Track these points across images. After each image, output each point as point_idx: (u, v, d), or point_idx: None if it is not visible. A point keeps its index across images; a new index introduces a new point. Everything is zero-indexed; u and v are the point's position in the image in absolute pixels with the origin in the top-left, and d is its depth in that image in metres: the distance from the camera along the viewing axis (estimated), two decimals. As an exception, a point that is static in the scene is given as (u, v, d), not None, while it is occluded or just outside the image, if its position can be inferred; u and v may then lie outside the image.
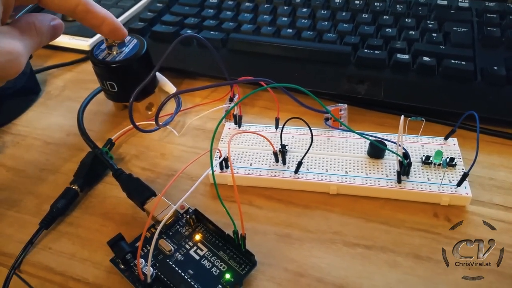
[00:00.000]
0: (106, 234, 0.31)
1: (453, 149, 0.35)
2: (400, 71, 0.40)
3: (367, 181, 0.32)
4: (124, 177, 0.33)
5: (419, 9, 0.47)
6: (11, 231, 0.32)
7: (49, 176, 0.36)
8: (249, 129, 0.38)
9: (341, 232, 0.30)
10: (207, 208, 0.31)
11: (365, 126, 0.38)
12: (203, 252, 0.29)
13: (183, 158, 0.37)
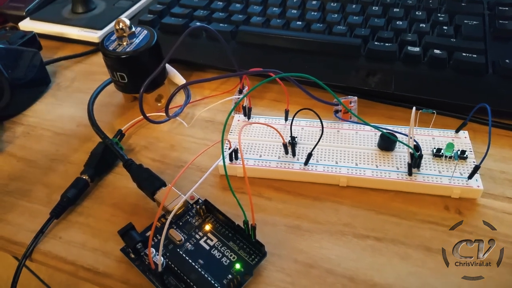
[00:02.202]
0: (116, 223, 0.31)
1: (464, 142, 0.34)
2: (411, 64, 0.40)
3: (378, 173, 0.32)
4: (135, 167, 0.33)
5: (430, 1, 0.46)
6: (21, 220, 0.33)
7: (60, 166, 0.37)
8: (258, 120, 0.38)
9: (351, 224, 0.30)
10: (216, 199, 0.31)
11: (375, 119, 0.38)
12: (213, 242, 0.29)
13: (192, 149, 0.37)
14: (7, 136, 0.40)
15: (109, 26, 0.51)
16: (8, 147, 0.39)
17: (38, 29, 0.52)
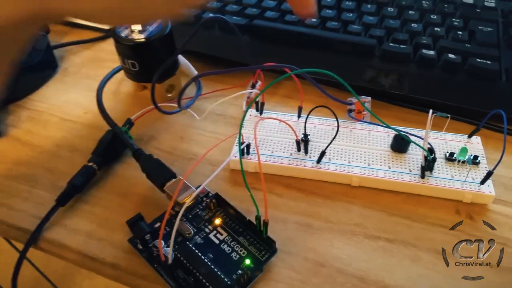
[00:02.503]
0: (124, 214, 0.31)
1: (477, 147, 0.34)
2: (425, 67, 0.40)
3: (390, 174, 0.32)
4: (145, 157, 0.32)
5: (445, 6, 0.46)
6: (26, 206, 0.32)
7: (66, 153, 0.36)
8: (271, 116, 0.37)
9: (362, 224, 0.30)
10: (226, 194, 0.31)
11: (388, 120, 0.37)
12: (223, 236, 0.28)
13: (202, 142, 0.37)
14: (12, 120, 0.39)
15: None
16: (13, 131, 0.38)
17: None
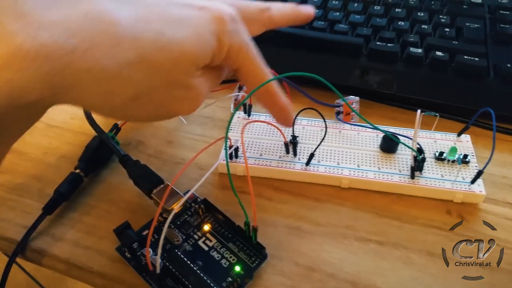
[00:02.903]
0: (111, 221, 0.30)
1: (466, 146, 0.34)
2: (412, 65, 0.39)
3: (380, 175, 0.32)
4: (131, 163, 0.32)
5: (432, 3, 0.46)
6: (12, 216, 0.31)
7: (53, 160, 0.35)
8: (259, 119, 0.37)
9: (353, 227, 0.30)
10: (215, 198, 0.31)
11: (376, 120, 0.37)
12: (212, 243, 0.28)
13: (190, 146, 0.36)
14: (-3, 127, 0.39)
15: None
16: (-2, 138, 0.38)
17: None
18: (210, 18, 0.24)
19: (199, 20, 0.24)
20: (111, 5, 0.20)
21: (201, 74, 0.25)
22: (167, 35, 0.22)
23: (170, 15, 0.23)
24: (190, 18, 0.23)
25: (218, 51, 0.25)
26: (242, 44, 0.26)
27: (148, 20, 0.22)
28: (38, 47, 0.17)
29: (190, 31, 0.23)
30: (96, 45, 0.19)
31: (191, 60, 0.24)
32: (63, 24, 0.18)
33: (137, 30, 0.21)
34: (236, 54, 0.26)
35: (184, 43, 0.23)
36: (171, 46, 0.22)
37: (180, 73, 0.23)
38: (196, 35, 0.23)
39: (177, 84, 0.24)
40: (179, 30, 0.23)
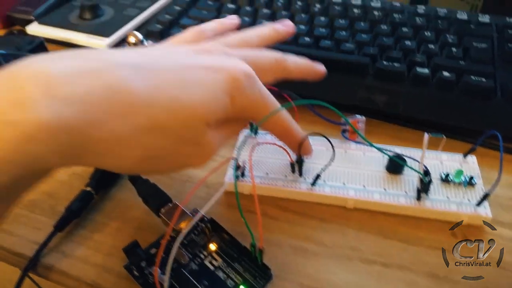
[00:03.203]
0: (120, 238, 0.31)
1: (472, 167, 0.34)
2: (419, 85, 0.40)
3: (386, 197, 0.32)
4: (141, 182, 0.33)
5: (439, 22, 0.46)
6: (24, 232, 0.32)
7: (64, 177, 0.36)
8: (265, 137, 0.37)
9: (358, 248, 0.30)
10: (222, 216, 0.31)
11: (383, 139, 0.38)
12: (218, 262, 0.29)
13: (198, 164, 0.37)
14: (11, 143, 0.40)
15: (117, 34, 0.50)
16: (12, 154, 0.39)
17: (45, 33, 0.52)
18: (224, 78, 0.25)
19: (213, 81, 0.25)
20: (130, 75, 0.22)
21: (214, 128, 0.26)
22: (180, 99, 0.23)
23: (184, 79, 0.24)
24: (204, 81, 0.24)
25: (231, 108, 0.26)
26: (256, 97, 0.27)
27: (162, 87, 0.23)
28: (63, 122, 0.19)
29: (203, 93, 0.24)
30: (115, 115, 0.21)
31: (200, 119, 0.24)
32: (86, 98, 0.20)
33: (152, 98, 0.22)
34: (250, 108, 0.27)
35: (196, 105, 0.24)
36: (183, 110, 0.23)
37: (189, 132, 0.24)
38: (209, 95, 0.24)
39: (186, 142, 0.24)
40: (192, 92, 0.24)
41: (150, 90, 0.22)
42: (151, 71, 0.23)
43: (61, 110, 0.19)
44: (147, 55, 0.25)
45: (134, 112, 0.21)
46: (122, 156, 0.22)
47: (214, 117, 0.25)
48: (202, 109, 0.24)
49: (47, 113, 0.18)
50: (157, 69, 0.23)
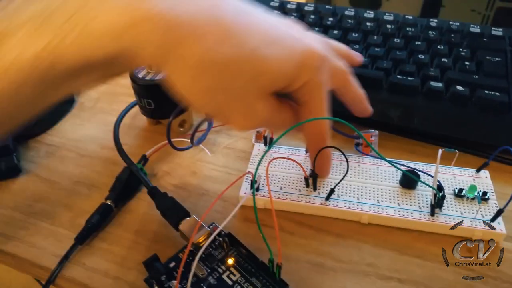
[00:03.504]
0: (140, 251, 0.32)
1: (485, 182, 0.35)
2: (433, 99, 0.40)
3: (400, 212, 0.32)
4: (159, 195, 0.33)
5: (452, 36, 0.47)
6: (46, 244, 0.33)
7: (83, 189, 0.37)
8: (278, 151, 0.38)
9: (374, 264, 0.30)
10: (239, 230, 0.32)
11: (397, 153, 0.38)
12: (236, 277, 0.29)
13: (214, 177, 0.38)
14: (32, 156, 0.41)
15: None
16: (32, 167, 0.40)
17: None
18: (302, 50, 0.26)
19: (292, 48, 0.26)
20: (231, 10, 0.24)
21: (268, 100, 0.27)
22: (260, 51, 0.24)
23: (272, 34, 0.25)
24: (286, 44, 0.26)
25: (295, 81, 0.27)
26: (320, 82, 0.28)
27: (254, 32, 0.25)
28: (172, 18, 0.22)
29: (280, 55, 0.25)
30: (208, 32, 0.23)
31: (268, 80, 0.26)
32: (195, 7, 0.23)
33: (242, 38, 0.24)
34: (310, 89, 0.27)
35: (270, 64, 0.25)
36: (258, 63, 0.25)
37: (252, 88, 0.25)
38: (284, 60, 0.25)
39: (244, 97, 0.26)
40: (272, 51, 0.25)
41: (243, 30, 0.24)
42: (250, 15, 0.25)
43: (174, 7, 0.22)
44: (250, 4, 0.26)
45: (223, 41, 0.23)
46: (196, 77, 0.24)
47: (278, 83, 0.26)
48: (272, 70, 0.25)
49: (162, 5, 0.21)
50: (255, 15, 0.26)
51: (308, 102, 0.28)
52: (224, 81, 0.24)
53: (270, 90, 0.27)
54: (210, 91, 0.25)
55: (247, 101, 0.26)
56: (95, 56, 0.22)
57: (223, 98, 0.25)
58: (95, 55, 0.22)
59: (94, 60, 0.22)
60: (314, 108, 0.29)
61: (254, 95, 0.26)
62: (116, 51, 0.22)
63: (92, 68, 0.23)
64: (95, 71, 0.23)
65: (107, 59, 0.22)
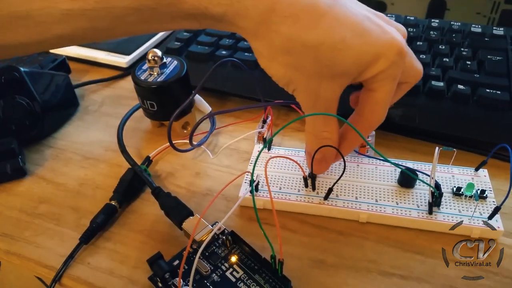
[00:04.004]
0: (144, 251, 0.32)
1: (484, 181, 0.35)
2: (434, 98, 0.40)
3: (398, 210, 0.32)
4: (163, 195, 0.34)
5: (453, 36, 0.47)
6: (51, 244, 0.33)
7: (89, 191, 0.37)
8: (278, 152, 0.38)
9: (376, 261, 0.30)
10: (241, 229, 0.32)
11: (397, 152, 0.39)
12: (239, 274, 0.29)
13: (217, 177, 0.38)
14: (37, 158, 0.41)
15: (137, 52, 0.52)
16: (38, 169, 0.40)
17: (67, 51, 0.53)
18: (385, 42, 0.26)
19: (377, 40, 0.26)
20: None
21: (335, 86, 0.28)
22: (346, 42, 0.25)
23: (361, 26, 0.26)
24: (371, 37, 0.26)
25: (369, 70, 0.27)
26: (394, 75, 0.28)
27: (345, 22, 0.25)
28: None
29: (363, 48, 0.26)
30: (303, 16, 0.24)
31: (344, 70, 0.26)
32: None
33: (332, 26, 0.25)
34: (382, 79, 0.27)
35: (351, 56, 0.26)
36: (341, 52, 0.25)
37: (327, 73, 0.26)
38: (365, 52, 0.26)
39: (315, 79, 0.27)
40: (357, 42, 0.26)
41: (336, 17, 0.25)
42: (344, 4, 0.26)
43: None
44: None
45: (315, 22, 0.25)
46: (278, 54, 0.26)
47: (353, 75, 0.27)
48: (352, 62, 0.26)
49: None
50: (349, 4, 0.27)
51: (376, 91, 0.28)
52: (304, 62, 0.26)
53: (342, 78, 0.27)
54: (288, 67, 0.27)
55: (315, 82, 0.27)
56: (209, 10, 0.24)
57: (296, 75, 0.27)
58: (209, 10, 0.24)
59: (206, 12, 0.25)
60: (381, 99, 0.29)
61: (325, 79, 0.27)
62: (224, 13, 0.24)
63: (198, 18, 0.25)
64: (201, 20, 0.26)
65: (214, 16, 0.25)
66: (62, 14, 0.24)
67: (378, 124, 0.30)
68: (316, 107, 0.28)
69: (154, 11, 0.24)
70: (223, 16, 0.25)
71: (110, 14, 0.24)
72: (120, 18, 0.25)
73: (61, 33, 0.25)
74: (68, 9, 0.23)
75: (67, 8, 0.23)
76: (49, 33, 0.25)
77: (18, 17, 0.23)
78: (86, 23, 0.24)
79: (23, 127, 0.41)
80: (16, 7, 0.23)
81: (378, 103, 0.29)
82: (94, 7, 0.24)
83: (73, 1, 0.23)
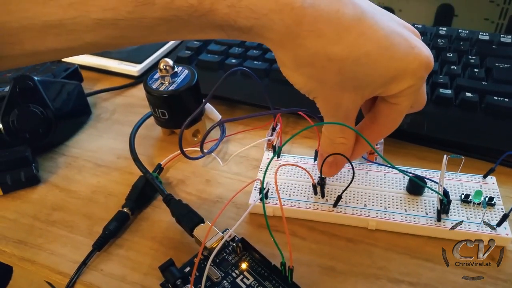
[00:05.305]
0: (156, 257, 0.33)
1: (492, 188, 0.35)
2: (442, 106, 0.41)
3: (407, 218, 0.33)
4: (174, 202, 0.34)
5: (461, 43, 0.47)
6: (65, 251, 0.34)
7: (101, 198, 0.38)
8: (287, 159, 0.39)
9: (385, 268, 0.31)
10: (251, 236, 0.32)
11: (406, 160, 0.39)
12: (250, 281, 0.30)
13: (227, 185, 0.39)
14: (50, 166, 0.42)
15: (148, 60, 0.53)
16: (51, 177, 0.41)
17: (80, 60, 0.54)
18: (414, 58, 0.26)
19: (403, 56, 0.26)
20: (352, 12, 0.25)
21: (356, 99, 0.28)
22: (370, 57, 0.25)
23: (387, 41, 0.25)
24: (398, 52, 0.26)
25: (393, 87, 0.27)
26: (417, 90, 0.28)
27: (370, 36, 0.25)
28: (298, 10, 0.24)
29: (388, 64, 0.26)
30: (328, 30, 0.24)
31: (366, 85, 0.26)
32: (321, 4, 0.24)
33: (357, 40, 0.25)
34: (405, 94, 0.27)
35: (374, 71, 0.26)
36: (364, 67, 0.25)
37: (348, 86, 0.26)
38: (390, 68, 0.26)
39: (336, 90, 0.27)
40: (382, 58, 0.25)
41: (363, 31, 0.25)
42: (372, 19, 0.25)
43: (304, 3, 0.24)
44: (373, 6, 0.27)
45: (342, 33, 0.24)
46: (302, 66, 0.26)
47: (378, 90, 0.27)
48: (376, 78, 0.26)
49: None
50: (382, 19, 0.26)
51: (398, 104, 0.28)
52: (327, 74, 0.26)
53: (365, 91, 0.27)
54: (311, 78, 0.27)
55: (337, 93, 0.27)
56: (237, 23, 0.24)
57: (318, 86, 0.27)
58: (237, 23, 0.24)
59: (234, 25, 0.25)
60: (400, 111, 0.29)
61: (347, 91, 0.27)
62: (251, 26, 0.24)
63: (226, 29, 0.25)
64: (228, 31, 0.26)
65: (242, 28, 0.25)
66: (94, 23, 0.24)
67: (391, 132, 0.31)
68: (336, 116, 0.28)
69: (185, 22, 0.24)
70: (250, 29, 0.25)
71: (141, 24, 0.24)
72: (151, 28, 0.25)
73: (91, 40, 0.25)
74: (100, 18, 0.24)
75: (99, 17, 0.24)
76: (80, 40, 0.25)
77: (51, 26, 0.24)
78: (117, 32, 0.25)
79: (36, 135, 0.42)
80: (49, 16, 0.23)
81: (397, 114, 0.29)
82: (126, 17, 0.24)
83: (105, 11, 0.24)
